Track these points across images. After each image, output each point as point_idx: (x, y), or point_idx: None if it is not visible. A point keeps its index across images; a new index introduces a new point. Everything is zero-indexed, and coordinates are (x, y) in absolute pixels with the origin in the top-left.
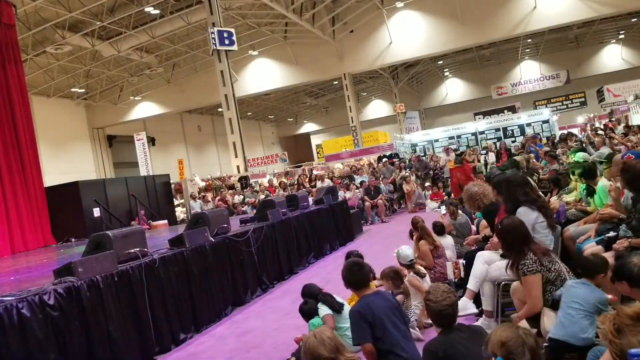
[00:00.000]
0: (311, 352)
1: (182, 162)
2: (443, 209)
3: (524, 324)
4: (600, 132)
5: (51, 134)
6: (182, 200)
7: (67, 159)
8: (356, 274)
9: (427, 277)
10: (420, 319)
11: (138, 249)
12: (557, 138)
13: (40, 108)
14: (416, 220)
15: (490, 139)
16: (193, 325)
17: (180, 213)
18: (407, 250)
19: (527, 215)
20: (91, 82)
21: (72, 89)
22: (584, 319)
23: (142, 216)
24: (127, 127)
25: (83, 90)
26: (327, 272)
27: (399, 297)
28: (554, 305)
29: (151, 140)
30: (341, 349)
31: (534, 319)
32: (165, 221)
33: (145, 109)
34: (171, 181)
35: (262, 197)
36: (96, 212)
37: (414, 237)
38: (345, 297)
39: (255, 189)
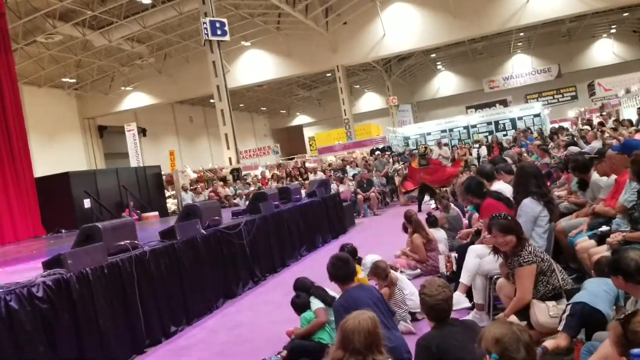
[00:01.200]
0: (345, 333)
1: (174, 153)
2: (432, 203)
3: (513, 317)
4: (585, 126)
5: (41, 124)
6: (173, 192)
7: (57, 149)
8: (341, 269)
9: (401, 275)
10: None
11: (128, 241)
12: (548, 132)
13: (30, 98)
14: (410, 214)
15: (482, 133)
16: (184, 318)
17: (171, 205)
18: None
19: (532, 206)
20: (82, 72)
21: (63, 79)
22: (611, 302)
23: (131, 207)
24: (118, 117)
25: (74, 80)
26: (319, 265)
27: (384, 291)
28: (543, 297)
29: (142, 131)
30: (375, 348)
31: (523, 313)
32: (156, 213)
33: (136, 99)
34: (162, 172)
35: (253, 188)
36: (87, 203)
37: (408, 231)
38: (337, 290)
39: (247, 181)
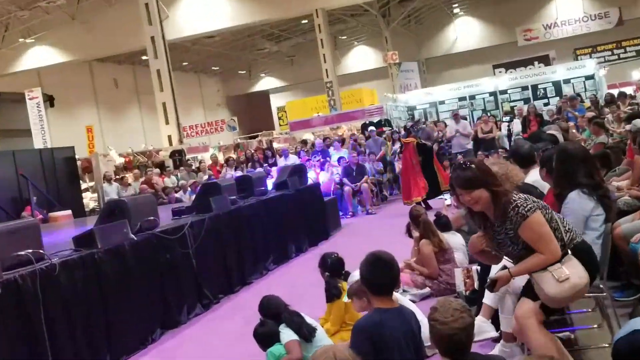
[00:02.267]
0: None
1: (92, 130)
2: (448, 198)
3: (528, 304)
4: None
5: None
6: (92, 183)
7: None
8: (381, 276)
9: (401, 295)
10: None
11: (30, 251)
12: (604, 100)
13: None
14: (417, 213)
15: (514, 101)
16: (107, 355)
17: (89, 200)
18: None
19: (581, 203)
20: None
21: None
22: None
23: (34, 204)
24: (16, 80)
25: None
26: (292, 282)
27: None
28: None
29: (49, 99)
30: None
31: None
32: (69, 211)
33: (40, 55)
34: (77, 156)
35: (205, 178)
36: None
37: (414, 236)
38: (317, 316)
39: (193, 168)
